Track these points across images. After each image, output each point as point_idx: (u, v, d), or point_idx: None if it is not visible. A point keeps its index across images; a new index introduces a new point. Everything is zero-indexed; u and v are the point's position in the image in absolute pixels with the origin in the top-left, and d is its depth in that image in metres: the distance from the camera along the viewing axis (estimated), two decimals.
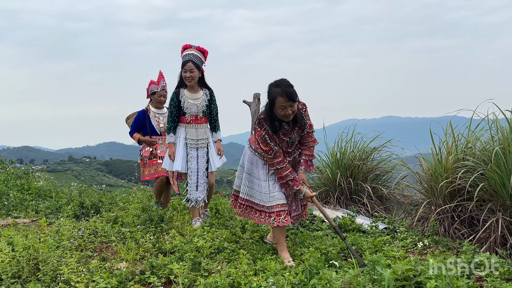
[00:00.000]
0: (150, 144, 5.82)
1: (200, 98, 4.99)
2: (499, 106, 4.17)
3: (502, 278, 2.96)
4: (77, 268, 3.13)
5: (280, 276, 2.80)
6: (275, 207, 3.65)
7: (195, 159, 4.95)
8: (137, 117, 5.88)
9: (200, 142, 5.00)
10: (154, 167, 5.76)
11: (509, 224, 3.84)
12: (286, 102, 3.42)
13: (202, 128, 5.06)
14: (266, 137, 3.56)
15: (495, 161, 3.91)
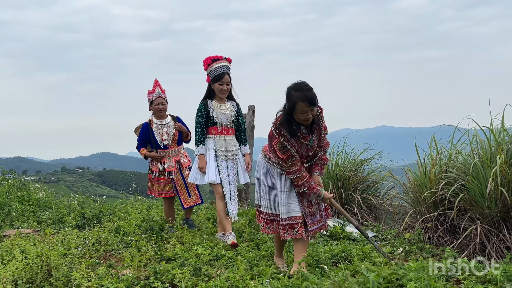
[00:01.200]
0: (157, 159, 5.50)
1: (229, 109, 4.96)
2: (477, 122, 4.48)
3: (478, 281, 3.24)
4: (87, 274, 3.37)
5: (276, 279, 3.06)
6: (289, 219, 3.57)
7: (225, 171, 4.87)
8: (141, 132, 5.57)
9: (229, 154, 4.94)
10: (162, 186, 5.51)
11: (488, 232, 4.13)
12: (307, 107, 3.31)
13: (231, 139, 5.00)
14: (285, 143, 3.42)
15: (474, 173, 4.22)
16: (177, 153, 5.56)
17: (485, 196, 4.09)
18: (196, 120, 4.91)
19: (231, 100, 5.04)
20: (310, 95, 3.31)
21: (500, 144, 4.29)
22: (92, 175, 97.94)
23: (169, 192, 5.50)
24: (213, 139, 4.92)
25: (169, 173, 5.46)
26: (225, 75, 4.79)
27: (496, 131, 4.49)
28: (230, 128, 4.98)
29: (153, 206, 7.98)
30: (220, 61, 4.81)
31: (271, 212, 3.73)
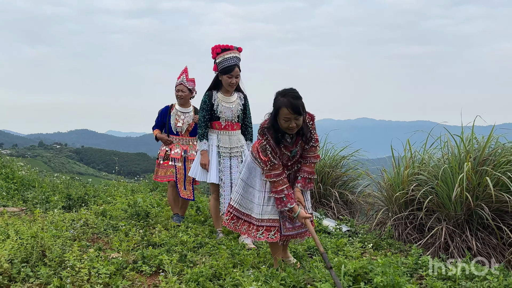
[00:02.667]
0: (166, 143, 5.46)
1: (235, 102, 4.69)
2: (449, 131, 4.81)
3: (439, 278, 3.57)
4: (80, 256, 3.59)
5: (256, 269, 3.34)
6: (266, 221, 3.46)
7: (228, 168, 4.62)
8: (160, 113, 5.54)
9: (233, 151, 4.68)
10: (164, 170, 5.45)
11: (452, 232, 4.48)
12: (290, 114, 3.20)
13: (236, 135, 4.73)
14: (267, 147, 3.33)
15: (443, 178, 4.55)
16: (187, 143, 5.49)
17: (451, 199, 4.42)
18: (200, 112, 4.70)
19: (238, 92, 4.78)
20: (295, 103, 3.20)
21: (469, 152, 4.62)
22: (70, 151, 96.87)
23: (170, 176, 5.41)
24: (217, 135, 4.67)
25: (173, 159, 5.41)
26: (235, 68, 4.53)
27: (466, 139, 4.82)
28: (235, 123, 4.72)
29: (136, 189, 8.17)
30: (230, 52, 4.53)
31: (239, 209, 3.62)
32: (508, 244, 4.20)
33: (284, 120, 3.25)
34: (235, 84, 4.61)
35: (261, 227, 3.46)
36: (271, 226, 3.46)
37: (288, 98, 3.23)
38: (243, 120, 4.83)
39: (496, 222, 4.29)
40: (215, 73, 4.67)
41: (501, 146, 4.76)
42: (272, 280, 3.02)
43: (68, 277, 3.20)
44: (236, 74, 4.55)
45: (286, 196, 3.35)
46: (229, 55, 4.49)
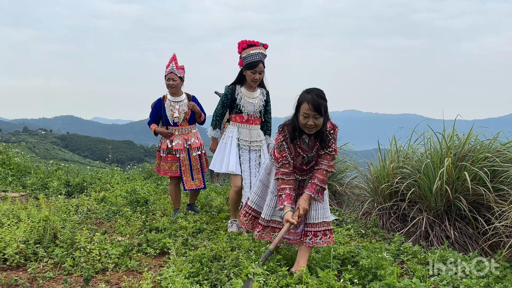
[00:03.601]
0: (166, 136, 5.33)
1: (258, 97, 4.74)
2: (433, 126, 5.16)
3: (418, 263, 3.93)
4: (90, 238, 3.86)
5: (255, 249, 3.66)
6: (272, 222, 3.54)
7: (247, 161, 4.68)
8: (153, 107, 5.41)
9: (253, 144, 4.74)
10: (168, 164, 5.36)
11: (432, 222, 4.84)
12: (310, 110, 3.17)
13: (256, 129, 4.80)
14: (284, 144, 3.35)
15: (425, 171, 4.90)
16: (187, 132, 5.37)
17: (432, 191, 4.78)
18: (218, 104, 4.77)
19: (261, 88, 4.82)
20: (318, 101, 3.17)
21: (450, 148, 4.98)
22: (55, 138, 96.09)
23: (175, 172, 5.34)
24: (237, 127, 4.74)
25: (176, 151, 5.31)
26: (260, 64, 4.55)
27: (447, 136, 5.18)
28: (256, 118, 4.78)
29: (130, 178, 8.41)
30: (256, 47, 4.56)
31: (256, 209, 3.68)
32: (482, 233, 4.57)
33: (303, 116, 3.22)
34: (259, 80, 4.64)
35: (266, 227, 3.52)
36: (276, 228, 3.51)
37: (312, 95, 3.20)
38: (264, 115, 4.87)
39: (472, 213, 4.65)
40: (240, 67, 4.69)
41: (479, 143, 5.12)
42: (269, 261, 3.33)
43: (81, 257, 3.47)
44: (260, 70, 4.57)
45: (286, 195, 3.33)
46: (255, 51, 4.53)
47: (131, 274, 3.40)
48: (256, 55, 4.54)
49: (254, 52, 4.54)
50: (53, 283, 3.17)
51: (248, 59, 4.56)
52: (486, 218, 4.56)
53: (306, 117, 3.21)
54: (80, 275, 3.30)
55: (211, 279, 3.13)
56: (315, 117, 3.20)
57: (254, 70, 4.55)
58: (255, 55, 4.54)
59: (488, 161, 4.79)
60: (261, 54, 4.57)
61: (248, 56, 4.55)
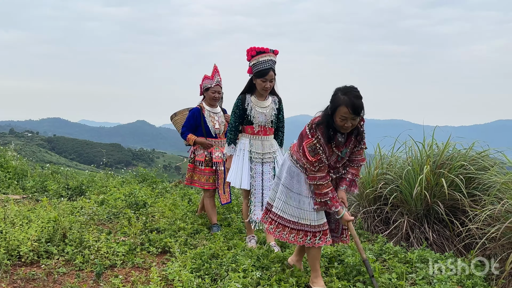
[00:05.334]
0: (207, 147, 5.18)
1: (269, 107, 4.53)
2: (417, 133, 5.57)
3: (399, 262, 4.30)
4: (97, 237, 4.17)
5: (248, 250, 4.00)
6: (323, 226, 3.33)
7: (259, 175, 4.51)
8: (190, 116, 5.21)
9: (266, 156, 4.55)
10: (206, 177, 5.19)
11: (412, 224, 5.22)
12: (349, 114, 3.05)
13: (269, 140, 4.60)
14: (317, 146, 3.15)
15: (406, 178, 5.29)
16: (223, 145, 5.23)
17: (412, 196, 5.17)
18: (232, 116, 4.54)
19: (272, 95, 4.62)
20: (357, 103, 3.05)
21: (429, 156, 5.38)
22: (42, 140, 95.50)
23: (213, 184, 5.19)
24: (249, 139, 4.55)
25: (216, 164, 5.17)
26: (270, 72, 4.34)
27: (427, 145, 5.59)
28: (268, 128, 4.58)
29: (126, 181, 8.68)
30: (266, 54, 4.35)
31: (284, 217, 3.41)
32: (457, 235, 4.96)
33: (340, 119, 3.09)
34: (269, 89, 4.46)
35: (318, 232, 3.30)
36: (327, 230, 3.35)
37: (350, 97, 3.06)
38: (276, 124, 4.69)
39: (449, 216, 5.05)
40: (249, 76, 4.51)
41: (456, 151, 5.54)
42: (264, 258, 3.68)
43: (91, 254, 3.78)
44: (271, 78, 4.38)
45: (330, 199, 3.22)
46: (264, 58, 4.33)
47: (137, 270, 3.73)
48: (266, 62, 4.33)
49: (264, 59, 4.33)
50: (66, 278, 3.47)
51: (257, 67, 4.35)
52: (461, 221, 4.96)
53: (343, 120, 3.09)
54: (91, 271, 3.61)
55: (212, 274, 3.47)
56: (353, 119, 3.08)
57: (264, 79, 4.35)
58: (265, 63, 4.33)
59: (464, 168, 5.20)
60: (271, 61, 4.37)
61: (257, 63, 4.34)
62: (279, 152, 4.67)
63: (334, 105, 3.11)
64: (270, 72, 4.35)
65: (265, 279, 3.30)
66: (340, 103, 3.07)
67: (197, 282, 3.20)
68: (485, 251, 4.43)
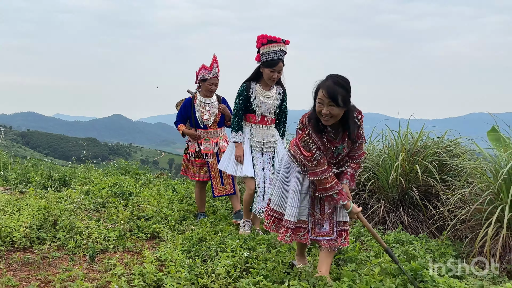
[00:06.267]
0: (195, 138, 5.17)
1: (273, 97, 4.47)
2: (392, 126, 5.84)
3: (376, 243, 4.55)
4: (87, 224, 4.30)
5: (235, 233, 4.20)
6: (295, 223, 3.23)
7: (260, 164, 4.44)
8: (182, 106, 5.19)
9: (266, 146, 4.50)
10: (196, 168, 5.23)
11: (389, 209, 5.50)
12: (324, 97, 2.86)
13: (270, 129, 4.54)
14: (309, 141, 3.02)
15: (383, 165, 5.56)
16: (216, 135, 5.22)
17: (389, 183, 5.44)
18: (236, 103, 4.47)
19: (278, 86, 4.55)
20: (333, 87, 2.85)
21: (404, 144, 5.66)
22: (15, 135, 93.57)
23: (203, 176, 5.21)
24: (250, 128, 4.50)
25: (205, 155, 5.15)
26: (279, 62, 4.24)
27: (402, 134, 5.87)
28: (270, 119, 4.53)
29: (108, 174, 8.75)
30: (277, 44, 4.22)
31: (279, 210, 3.37)
32: (430, 218, 5.26)
33: (318, 103, 2.93)
34: (277, 79, 4.36)
35: (290, 229, 3.22)
36: (301, 228, 3.24)
37: (329, 82, 2.90)
38: (279, 114, 4.62)
39: (423, 201, 5.34)
40: (257, 63, 4.38)
41: (430, 140, 5.83)
42: (250, 240, 3.88)
43: (83, 239, 3.92)
44: (280, 69, 4.28)
45: (337, 193, 3.04)
46: (275, 48, 4.20)
47: (129, 254, 3.88)
48: (276, 52, 4.20)
49: (275, 49, 4.20)
50: (60, 261, 3.60)
51: (267, 56, 4.22)
52: (434, 205, 5.26)
53: (320, 104, 2.91)
54: (83, 255, 3.75)
55: (201, 255, 3.65)
56: (330, 105, 2.87)
57: (273, 69, 4.25)
58: (275, 53, 4.20)
59: (436, 156, 5.49)
60: (281, 52, 4.25)
61: (268, 52, 4.21)
62: (279, 142, 4.61)
63: (316, 89, 2.97)
64: (280, 63, 4.26)
65: (253, 258, 3.49)
66: (319, 86, 2.94)
67: (188, 262, 3.38)
68: (456, 232, 4.74)
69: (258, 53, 4.32)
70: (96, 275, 3.30)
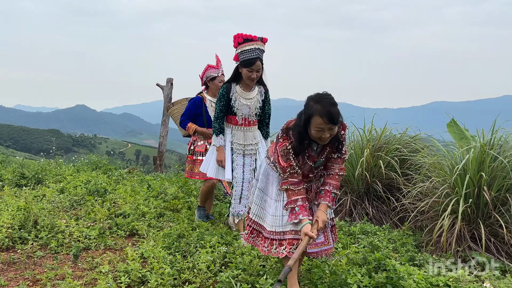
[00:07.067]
0: (207, 137, 5.06)
1: (254, 98, 4.38)
2: (354, 123, 6.17)
3: (344, 234, 4.88)
4: (68, 223, 4.43)
5: (212, 229, 4.42)
6: (288, 234, 3.01)
7: (240, 167, 4.37)
8: (192, 105, 5.13)
9: (247, 148, 4.42)
10: None
11: (355, 202, 5.85)
12: (325, 124, 2.74)
13: (251, 131, 4.45)
14: (290, 152, 2.90)
15: (349, 160, 5.89)
16: None
17: (355, 177, 5.78)
18: (216, 105, 4.37)
19: (259, 86, 4.45)
20: (332, 111, 2.74)
21: (369, 141, 6.01)
22: None
23: None
24: (231, 130, 4.43)
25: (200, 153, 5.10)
26: (257, 61, 4.15)
27: (367, 131, 6.22)
28: (252, 121, 4.45)
29: (80, 170, 8.78)
30: (253, 43, 4.14)
31: (258, 221, 3.23)
32: (393, 210, 5.64)
33: (315, 130, 2.79)
34: (256, 79, 4.26)
35: (284, 240, 3.02)
36: (294, 239, 3.00)
37: (324, 105, 2.75)
38: (261, 116, 4.54)
39: (386, 194, 5.71)
40: (236, 63, 4.33)
41: (392, 136, 6.21)
42: (227, 235, 4.12)
43: (65, 238, 4.06)
44: (258, 68, 4.18)
45: (299, 207, 2.92)
46: (251, 47, 4.12)
47: (111, 251, 4.05)
48: (253, 51, 4.13)
49: (250, 47, 4.12)
50: (45, 260, 3.74)
51: (244, 56, 4.15)
52: (396, 197, 5.64)
53: (319, 131, 2.79)
54: (67, 253, 3.90)
55: (181, 251, 3.87)
56: (330, 129, 2.79)
57: (250, 69, 4.16)
58: (252, 51, 4.13)
59: (398, 151, 5.87)
60: (258, 50, 4.15)
61: (244, 51, 4.13)
62: (262, 144, 4.52)
63: (306, 115, 2.81)
64: (257, 62, 4.16)
65: (230, 252, 3.74)
66: (313, 113, 2.77)
67: (170, 258, 3.59)
68: (416, 223, 5.12)
69: (235, 53, 4.26)
70: (82, 273, 3.47)
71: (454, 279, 3.51)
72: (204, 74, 5.15)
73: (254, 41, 4.13)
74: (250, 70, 4.17)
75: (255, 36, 4.16)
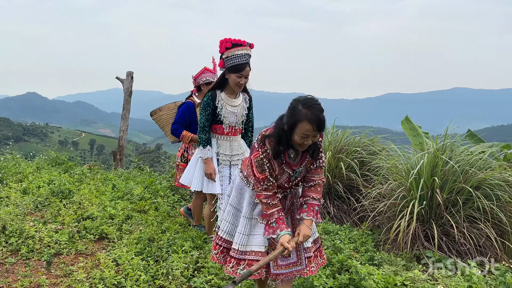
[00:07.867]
0: None
1: (240, 106, 4.24)
2: None
3: (323, 233, 5.12)
4: (36, 228, 4.43)
5: (182, 233, 4.55)
6: (249, 254, 2.87)
7: (227, 178, 4.19)
8: (185, 111, 4.92)
9: (234, 159, 4.25)
10: None
11: (334, 202, 6.12)
12: (312, 131, 2.60)
13: (237, 141, 4.31)
14: (265, 162, 2.75)
15: None
16: None
17: (328, 177, 6.04)
18: (202, 114, 4.17)
19: (243, 93, 4.31)
20: (321, 118, 2.62)
21: (331, 143, 6.28)
22: None
23: None
24: (217, 140, 4.25)
25: None
26: (246, 67, 4.02)
27: (329, 133, 6.49)
28: (238, 129, 4.30)
29: (40, 167, 8.62)
30: (242, 48, 3.98)
31: (227, 239, 3.04)
32: (353, 209, 5.95)
33: (300, 136, 2.64)
34: (244, 85, 4.12)
35: (242, 260, 2.87)
36: (254, 260, 2.83)
37: (313, 112, 2.61)
38: (246, 124, 4.42)
39: (346, 194, 6.01)
40: (221, 70, 4.15)
41: (352, 138, 6.51)
42: (197, 239, 4.27)
43: (36, 244, 4.08)
44: (247, 73, 4.05)
45: (275, 221, 2.75)
46: (241, 52, 3.96)
47: (82, 256, 4.10)
48: (242, 56, 3.97)
49: (240, 53, 3.97)
50: (17, 267, 3.76)
51: (233, 61, 3.98)
52: (356, 198, 5.94)
53: (304, 137, 2.64)
54: (38, 259, 3.92)
55: (153, 256, 3.98)
56: (315, 136, 2.67)
57: (240, 74, 4.01)
58: (241, 57, 3.97)
59: (358, 153, 6.17)
60: (247, 56, 4.02)
61: (233, 57, 3.97)
62: (247, 153, 4.27)
63: (294, 119, 2.63)
64: (247, 67, 4.03)
65: (202, 257, 3.89)
66: (301, 118, 2.60)
67: (143, 264, 3.70)
68: (375, 222, 5.44)
69: (221, 59, 4.09)
70: (56, 280, 3.53)
71: (410, 279, 3.81)
72: (199, 76, 4.97)
73: (243, 46, 4.00)
74: (239, 76, 4.01)
75: (244, 41, 4.02)
